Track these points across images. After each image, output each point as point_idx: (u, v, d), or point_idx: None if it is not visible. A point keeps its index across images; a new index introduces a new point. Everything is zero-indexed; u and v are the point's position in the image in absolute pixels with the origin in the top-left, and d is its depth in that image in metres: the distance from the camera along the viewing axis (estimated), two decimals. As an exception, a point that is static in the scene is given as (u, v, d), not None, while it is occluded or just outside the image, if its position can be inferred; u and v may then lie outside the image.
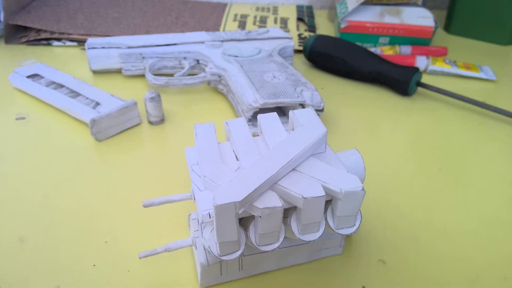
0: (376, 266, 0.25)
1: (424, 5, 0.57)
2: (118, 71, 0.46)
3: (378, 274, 0.25)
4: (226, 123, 0.24)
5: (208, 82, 0.43)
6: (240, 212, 0.19)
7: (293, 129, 0.24)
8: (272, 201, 0.19)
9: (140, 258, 0.23)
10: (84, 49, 0.52)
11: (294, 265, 0.25)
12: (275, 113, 0.24)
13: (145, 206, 0.23)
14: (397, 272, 0.25)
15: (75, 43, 0.52)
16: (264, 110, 0.38)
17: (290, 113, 0.24)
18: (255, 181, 0.19)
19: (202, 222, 0.20)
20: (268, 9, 0.65)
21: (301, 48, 0.52)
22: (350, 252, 0.26)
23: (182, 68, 0.45)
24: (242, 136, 0.23)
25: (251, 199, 0.19)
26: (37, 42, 0.52)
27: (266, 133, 0.23)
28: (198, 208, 0.20)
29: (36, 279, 0.24)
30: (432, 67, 0.48)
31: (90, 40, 0.45)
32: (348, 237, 0.27)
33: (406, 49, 0.51)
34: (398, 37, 0.52)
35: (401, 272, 0.25)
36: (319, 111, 0.37)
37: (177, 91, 0.43)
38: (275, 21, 0.60)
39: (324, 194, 0.20)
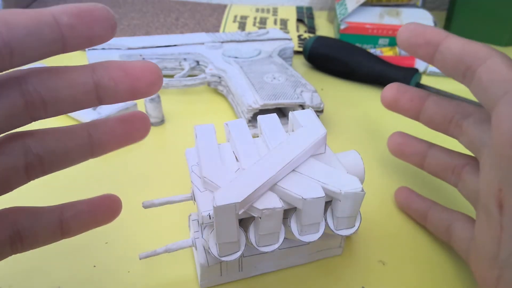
0: (376, 267, 0.25)
1: (423, 6, 0.58)
2: (118, 72, 0.46)
3: (378, 275, 0.25)
4: (226, 124, 0.24)
5: (208, 83, 0.43)
6: (240, 213, 0.19)
7: (293, 130, 0.24)
8: (272, 202, 0.19)
9: (140, 259, 0.23)
10: (84, 50, 0.52)
11: (294, 266, 0.25)
12: (274, 114, 0.24)
13: (145, 207, 0.23)
14: (397, 273, 0.25)
15: (75, 44, 0.52)
16: (264, 111, 0.38)
17: (290, 114, 0.24)
18: (255, 182, 0.19)
19: (202, 223, 0.20)
20: (268, 10, 0.65)
21: (301, 49, 0.52)
22: (350, 253, 0.26)
23: (182, 69, 0.45)
24: (242, 137, 0.23)
25: (251, 200, 0.19)
26: (37, 43, 0.52)
27: (266, 134, 0.23)
28: (198, 209, 0.20)
29: (37, 279, 0.24)
30: (431, 68, 0.48)
31: (90, 41, 0.45)
32: (348, 237, 0.27)
33: (406, 50, 0.51)
34: (398, 38, 0.52)
35: (401, 273, 0.25)
36: (319, 112, 0.37)
37: (177, 92, 0.43)
38: (275, 22, 0.60)
39: (324, 195, 0.20)
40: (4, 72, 0.16)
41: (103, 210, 0.20)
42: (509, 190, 0.18)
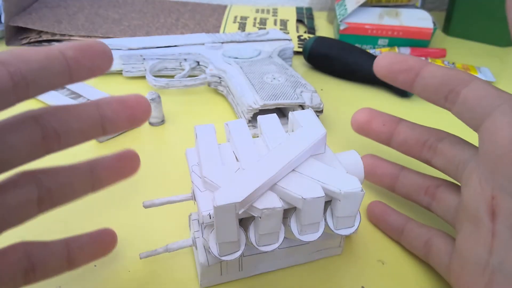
0: (375, 266, 0.26)
1: (423, 6, 0.58)
2: (119, 73, 0.46)
3: (377, 274, 0.25)
4: (226, 124, 0.24)
5: (208, 84, 0.43)
6: (240, 212, 0.19)
7: (292, 131, 0.25)
8: (272, 201, 0.19)
9: (140, 258, 0.23)
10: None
11: (294, 265, 0.25)
12: (274, 115, 0.25)
13: (145, 206, 0.23)
14: (396, 273, 0.25)
15: (75, 45, 0.52)
16: (264, 111, 0.38)
17: (290, 114, 0.24)
18: (255, 182, 0.19)
19: (203, 223, 0.20)
20: (268, 11, 0.65)
21: (300, 49, 0.52)
22: (350, 253, 0.26)
23: (183, 69, 0.45)
24: (242, 137, 0.23)
25: (251, 200, 0.19)
26: (38, 43, 0.52)
27: (266, 134, 0.23)
28: (199, 209, 0.20)
29: (38, 279, 0.24)
30: (431, 68, 0.48)
31: (91, 42, 0.45)
32: (347, 237, 0.27)
33: (405, 51, 0.52)
34: (397, 38, 0.52)
35: (400, 272, 0.25)
36: (319, 112, 0.37)
37: (177, 92, 0.44)
38: (275, 23, 0.60)
39: (324, 195, 0.20)
40: (24, 112, 0.19)
41: (102, 243, 0.22)
42: (503, 196, 0.19)
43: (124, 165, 0.22)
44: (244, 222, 0.21)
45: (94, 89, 0.40)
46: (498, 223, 0.19)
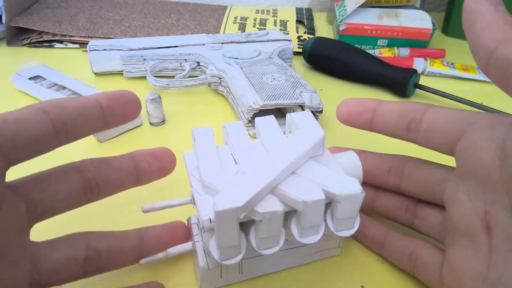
0: (375, 265, 0.26)
1: (422, 7, 0.58)
2: (120, 73, 0.46)
3: (377, 273, 0.25)
4: (224, 126, 0.24)
5: (209, 84, 0.43)
6: (241, 217, 0.19)
7: (290, 132, 0.25)
8: (273, 205, 0.19)
9: (140, 264, 0.23)
10: (85, 51, 0.52)
11: (294, 267, 0.25)
12: (272, 116, 0.24)
13: (144, 211, 0.23)
14: (396, 272, 0.25)
15: (77, 45, 0.53)
16: (264, 111, 0.38)
17: (287, 116, 0.24)
18: (255, 185, 0.19)
19: (203, 227, 0.20)
20: (268, 12, 0.65)
21: (300, 50, 0.53)
22: (349, 252, 0.27)
23: (183, 70, 0.45)
24: (240, 139, 0.23)
25: (252, 204, 0.19)
26: (39, 44, 0.52)
27: (264, 136, 0.23)
28: (199, 213, 0.20)
29: (40, 280, 0.24)
30: (430, 69, 0.49)
31: (92, 42, 0.45)
32: (347, 237, 0.27)
33: (404, 51, 0.52)
34: (397, 39, 0.53)
35: (400, 271, 0.25)
36: (318, 112, 0.37)
37: (177, 93, 0.44)
38: (275, 24, 0.60)
39: (324, 197, 0.20)
40: (68, 163, 0.21)
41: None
42: (496, 210, 0.19)
43: (172, 236, 0.24)
44: (245, 226, 0.21)
45: (95, 90, 0.40)
46: (494, 237, 0.19)
